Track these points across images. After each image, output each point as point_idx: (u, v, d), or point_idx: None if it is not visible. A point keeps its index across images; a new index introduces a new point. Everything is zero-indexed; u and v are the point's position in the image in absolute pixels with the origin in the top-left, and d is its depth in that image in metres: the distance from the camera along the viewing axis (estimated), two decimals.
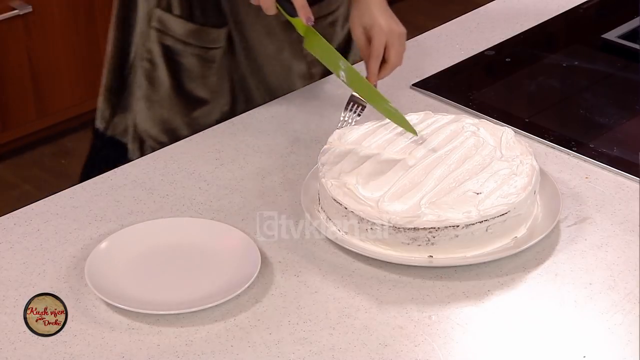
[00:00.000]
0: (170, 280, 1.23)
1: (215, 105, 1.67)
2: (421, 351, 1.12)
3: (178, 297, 1.19)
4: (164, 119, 1.67)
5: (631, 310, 1.18)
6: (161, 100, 1.66)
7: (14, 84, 2.99)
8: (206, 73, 1.65)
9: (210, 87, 1.66)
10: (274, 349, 1.12)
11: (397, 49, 1.47)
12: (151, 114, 1.67)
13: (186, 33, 1.61)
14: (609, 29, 1.86)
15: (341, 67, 1.39)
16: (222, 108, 1.68)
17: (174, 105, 1.66)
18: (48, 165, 3.13)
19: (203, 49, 1.63)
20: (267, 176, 1.43)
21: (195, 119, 1.66)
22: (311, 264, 1.26)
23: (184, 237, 1.29)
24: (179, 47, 1.63)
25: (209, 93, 1.66)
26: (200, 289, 1.21)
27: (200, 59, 1.63)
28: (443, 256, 1.24)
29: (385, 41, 1.46)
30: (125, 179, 1.43)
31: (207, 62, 1.64)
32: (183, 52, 1.63)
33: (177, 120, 1.66)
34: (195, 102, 1.66)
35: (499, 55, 1.80)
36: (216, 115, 1.67)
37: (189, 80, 1.65)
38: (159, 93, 1.66)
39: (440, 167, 1.31)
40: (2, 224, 1.33)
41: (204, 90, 1.66)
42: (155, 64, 1.64)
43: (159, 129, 1.67)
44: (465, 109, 1.60)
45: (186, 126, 1.66)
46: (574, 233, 1.31)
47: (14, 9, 2.89)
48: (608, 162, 1.46)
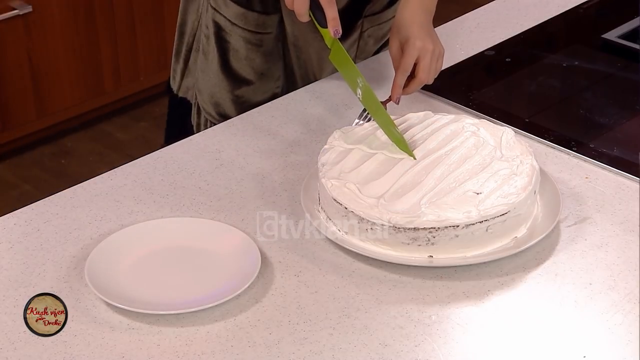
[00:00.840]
0: (170, 280, 1.23)
1: (260, 86, 1.72)
2: (421, 351, 1.12)
3: (178, 297, 1.19)
4: (211, 92, 1.73)
5: (631, 310, 1.18)
6: (211, 74, 1.72)
7: (14, 84, 2.99)
8: (252, 55, 1.69)
9: (256, 69, 1.70)
10: (274, 349, 1.13)
11: (426, 66, 1.48)
12: (203, 84, 1.74)
13: (234, 14, 1.66)
14: (609, 29, 1.86)
15: (359, 84, 1.41)
16: (268, 91, 1.72)
17: (221, 80, 1.72)
18: (48, 165, 3.13)
19: (250, 32, 1.67)
20: (267, 176, 1.43)
21: (240, 97, 1.72)
22: (311, 264, 1.26)
23: (184, 237, 1.29)
24: (228, 27, 1.67)
25: (254, 74, 1.71)
26: (200, 289, 1.21)
27: (246, 41, 1.68)
28: (443, 256, 1.24)
29: (416, 57, 1.47)
30: (125, 179, 1.43)
31: (252, 45, 1.68)
32: (231, 31, 1.68)
33: (223, 95, 1.72)
34: (241, 82, 1.71)
35: (499, 55, 1.80)
36: (261, 97, 1.72)
37: (235, 60, 1.70)
38: (210, 66, 1.72)
39: (440, 167, 1.31)
40: (2, 224, 1.33)
41: (249, 71, 1.70)
42: (209, 38, 1.70)
43: (208, 101, 1.74)
44: (465, 109, 1.60)
45: (231, 102, 1.72)
46: (574, 233, 1.31)
47: (14, 9, 2.89)
48: (608, 162, 1.46)
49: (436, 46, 1.49)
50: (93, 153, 3.18)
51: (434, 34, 1.51)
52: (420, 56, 1.47)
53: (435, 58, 1.49)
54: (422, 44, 1.47)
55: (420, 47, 1.47)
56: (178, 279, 1.24)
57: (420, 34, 1.48)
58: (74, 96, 3.15)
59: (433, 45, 1.48)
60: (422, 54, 1.47)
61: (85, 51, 3.12)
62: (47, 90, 3.07)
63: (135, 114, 3.35)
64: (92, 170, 2.74)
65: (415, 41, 1.47)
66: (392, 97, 1.48)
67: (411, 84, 1.49)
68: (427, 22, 1.52)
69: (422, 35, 1.48)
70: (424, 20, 1.51)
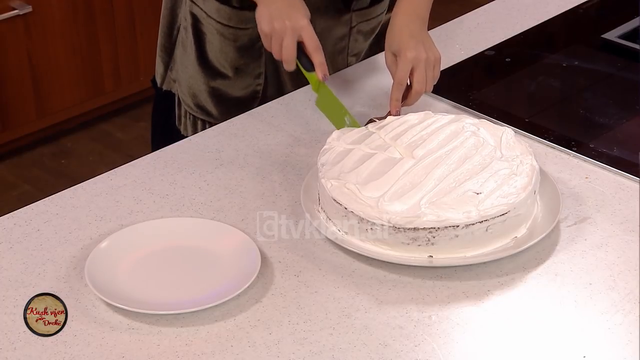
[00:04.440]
0: (170, 280, 1.23)
1: (237, 81, 1.70)
2: (421, 351, 1.12)
3: (178, 297, 1.20)
4: (189, 84, 1.73)
5: (631, 310, 1.18)
6: (188, 65, 1.72)
7: (14, 84, 2.99)
8: (226, 49, 1.68)
9: (230, 63, 1.69)
10: (274, 349, 1.13)
11: (420, 76, 1.46)
12: (182, 75, 1.74)
13: (210, 8, 1.65)
14: (609, 29, 1.86)
15: (346, 123, 1.45)
16: (247, 87, 1.71)
17: (197, 72, 1.71)
18: (48, 165, 3.13)
19: (223, 25, 1.66)
20: (267, 176, 1.43)
21: (216, 89, 1.71)
22: (311, 264, 1.26)
23: (184, 237, 1.29)
24: (203, 18, 1.67)
25: (229, 68, 1.69)
26: (200, 289, 1.21)
27: (220, 34, 1.66)
28: (443, 256, 1.24)
29: (409, 69, 1.46)
30: (125, 179, 1.43)
31: (226, 39, 1.67)
32: (207, 24, 1.67)
33: (200, 87, 1.71)
34: (216, 74, 1.70)
35: (499, 55, 1.80)
36: (240, 92, 1.71)
37: (211, 52, 1.69)
38: (188, 58, 1.71)
39: (440, 167, 1.31)
40: (2, 224, 1.33)
41: (225, 64, 1.69)
42: (187, 30, 1.70)
43: (187, 92, 1.74)
44: (465, 109, 1.60)
45: (207, 94, 1.71)
46: (574, 233, 1.31)
47: (14, 9, 2.89)
48: (608, 162, 1.46)
49: (430, 53, 1.47)
50: (93, 153, 3.18)
51: (428, 40, 1.49)
52: (414, 67, 1.46)
53: (430, 66, 1.47)
54: (414, 54, 1.45)
55: (412, 58, 1.45)
56: (178, 279, 1.24)
57: (412, 43, 1.46)
58: (74, 96, 3.15)
59: (426, 54, 1.46)
60: (415, 64, 1.46)
61: (85, 51, 3.12)
62: (47, 90, 3.07)
63: (135, 114, 3.35)
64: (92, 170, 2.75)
65: (406, 53, 1.45)
66: (391, 111, 1.48)
67: (409, 97, 1.48)
68: (418, 29, 1.49)
69: (413, 45, 1.46)
70: (415, 28, 1.49)
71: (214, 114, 1.71)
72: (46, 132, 3.18)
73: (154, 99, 1.87)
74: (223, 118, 1.65)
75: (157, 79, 1.82)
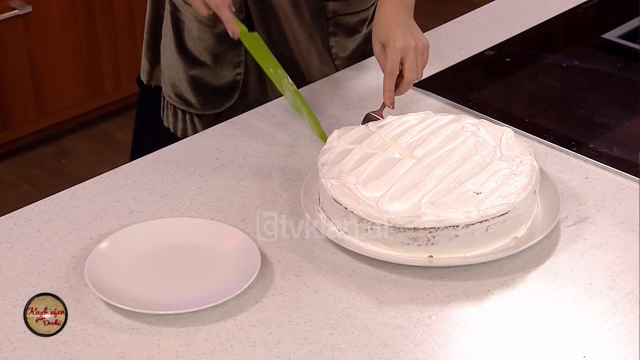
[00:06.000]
0: (170, 280, 1.23)
1: (216, 70, 1.70)
2: (421, 351, 1.12)
3: (178, 297, 1.19)
4: (169, 73, 1.73)
5: (631, 310, 1.18)
6: (168, 54, 1.72)
7: (14, 84, 2.99)
8: (204, 36, 1.67)
9: (209, 50, 1.69)
10: (274, 349, 1.13)
11: (411, 65, 1.46)
12: (163, 65, 1.74)
13: None
14: (609, 29, 1.86)
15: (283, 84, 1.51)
16: (227, 76, 1.70)
17: (176, 60, 1.71)
18: (48, 165, 3.13)
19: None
20: (267, 176, 1.43)
21: (196, 78, 1.70)
22: (311, 264, 1.26)
23: (184, 237, 1.29)
24: (181, 5, 1.67)
25: (208, 56, 1.69)
26: (200, 289, 1.21)
27: (198, 21, 1.66)
28: (443, 256, 1.24)
29: (399, 58, 1.46)
30: (125, 179, 1.43)
31: (204, 26, 1.66)
32: (185, 11, 1.67)
33: (180, 76, 1.71)
34: (195, 62, 1.70)
35: (499, 55, 1.80)
36: (219, 82, 1.70)
37: (189, 39, 1.69)
38: (168, 47, 1.72)
39: (440, 167, 1.31)
40: (2, 224, 1.33)
41: (203, 52, 1.69)
42: (166, 18, 1.71)
43: (167, 82, 1.74)
44: (465, 109, 1.60)
45: (187, 84, 1.71)
46: (574, 233, 1.31)
47: (14, 9, 2.89)
48: (608, 162, 1.46)
49: (418, 41, 1.47)
50: (93, 153, 3.18)
51: (415, 28, 1.49)
52: (404, 56, 1.46)
53: (419, 54, 1.47)
54: (402, 44, 1.46)
55: (401, 47, 1.45)
56: (178, 279, 1.24)
57: (399, 33, 1.46)
58: (74, 96, 3.15)
59: (415, 42, 1.46)
60: (405, 53, 1.46)
61: (85, 51, 3.12)
62: (47, 90, 3.07)
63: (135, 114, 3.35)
64: (92, 170, 2.74)
65: (395, 42, 1.46)
66: (385, 102, 1.47)
67: (401, 85, 1.48)
68: (405, 19, 1.49)
69: (401, 35, 1.46)
70: (402, 18, 1.49)
71: (193, 103, 1.71)
72: (46, 132, 3.17)
73: (138, 97, 1.88)
74: (203, 109, 1.65)
75: (143, 76, 1.83)
